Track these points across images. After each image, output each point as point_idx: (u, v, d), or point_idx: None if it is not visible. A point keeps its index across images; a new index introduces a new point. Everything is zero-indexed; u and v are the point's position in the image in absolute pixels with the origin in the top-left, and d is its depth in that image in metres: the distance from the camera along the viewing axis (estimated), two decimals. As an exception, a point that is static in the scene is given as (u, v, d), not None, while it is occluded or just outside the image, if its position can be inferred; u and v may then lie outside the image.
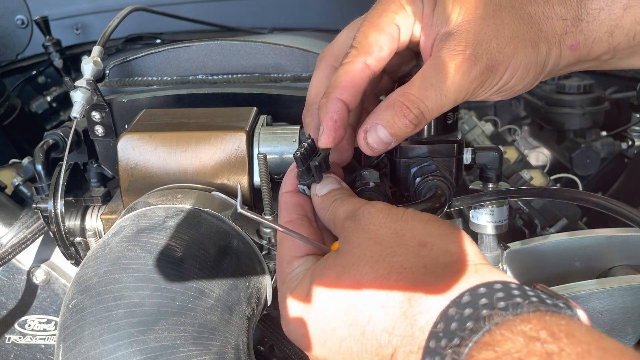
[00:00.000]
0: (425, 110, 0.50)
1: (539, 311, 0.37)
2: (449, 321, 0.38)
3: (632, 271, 0.76)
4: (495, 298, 0.38)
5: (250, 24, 1.63)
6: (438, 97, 0.49)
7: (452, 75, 0.49)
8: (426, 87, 0.49)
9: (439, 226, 0.46)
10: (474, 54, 0.49)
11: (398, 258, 0.44)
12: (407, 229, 0.46)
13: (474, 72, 0.49)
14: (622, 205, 0.62)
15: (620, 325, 0.69)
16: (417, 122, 0.50)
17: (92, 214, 0.77)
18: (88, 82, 0.76)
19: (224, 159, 0.68)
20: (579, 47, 0.52)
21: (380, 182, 0.61)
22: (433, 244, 0.44)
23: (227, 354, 0.57)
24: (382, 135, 0.51)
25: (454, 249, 0.44)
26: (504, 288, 0.39)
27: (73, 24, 1.71)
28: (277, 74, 0.84)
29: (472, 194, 0.67)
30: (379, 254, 0.44)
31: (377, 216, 0.47)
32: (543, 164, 1.55)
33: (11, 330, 0.85)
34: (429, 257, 0.43)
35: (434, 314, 0.40)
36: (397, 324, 0.41)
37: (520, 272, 0.79)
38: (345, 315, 0.44)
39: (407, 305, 0.41)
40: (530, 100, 1.55)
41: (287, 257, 0.52)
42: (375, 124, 0.51)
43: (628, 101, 1.46)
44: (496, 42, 0.50)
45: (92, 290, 0.56)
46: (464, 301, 0.39)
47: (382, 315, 0.42)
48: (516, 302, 0.37)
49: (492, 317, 0.37)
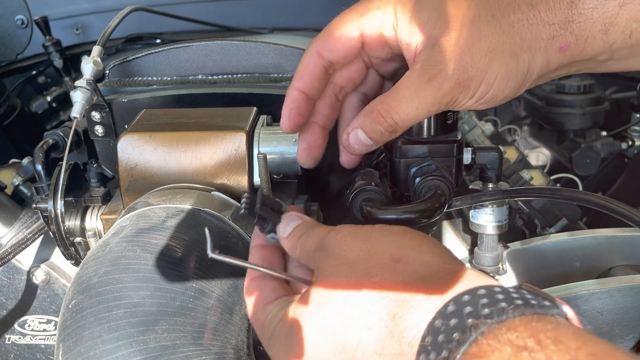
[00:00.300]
0: (398, 121, 0.52)
1: (524, 316, 0.37)
2: (435, 333, 0.38)
3: (632, 271, 0.76)
4: (479, 305, 0.38)
5: (250, 24, 1.63)
6: (410, 110, 0.52)
7: (424, 90, 0.51)
8: (399, 100, 0.52)
9: (410, 237, 0.46)
10: (446, 69, 0.50)
11: (375, 278, 0.43)
12: (377, 246, 0.46)
13: (446, 87, 0.50)
14: (622, 205, 0.62)
15: (620, 325, 0.69)
16: (392, 130, 0.53)
17: (92, 214, 0.77)
18: (88, 82, 0.76)
19: (224, 159, 0.68)
20: (570, 48, 0.51)
21: (380, 182, 0.61)
22: (407, 257, 0.44)
23: (227, 354, 0.57)
24: (362, 138, 0.55)
25: (429, 259, 0.44)
26: (487, 293, 0.39)
27: (73, 24, 1.71)
28: (277, 74, 0.84)
29: (472, 194, 0.67)
30: (354, 278, 0.44)
31: (345, 241, 0.48)
32: (543, 164, 1.55)
33: (11, 330, 0.85)
34: (406, 271, 0.43)
35: (421, 328, 0.39)
36: (386, 344, 0.41)
37: (520, 272, 0.79)
38: (333, 345, 0.44)
39: (392, 324, 0.41)
40: (530, 100, 1.55)
41: (261, 304, 0.51)
42: (356, 127, 0.55)
43: (628, 101, 1.46)
44: (470, 56, 0.50)
45: (92, 290, 0.56)
46: (449, 311, 0.39)
47: (370, 338, 0.42)
48: (501, 307, 0.37)
49: (478, 326, 0.36)
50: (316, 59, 0.57)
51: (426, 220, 0.57)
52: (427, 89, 0.50)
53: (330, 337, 0.44)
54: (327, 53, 0.56)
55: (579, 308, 0.68)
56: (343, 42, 0.56)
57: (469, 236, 0.87)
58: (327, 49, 0.56)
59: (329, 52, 0.56)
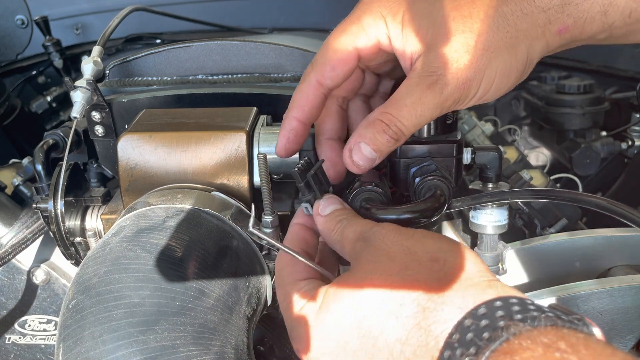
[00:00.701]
0: (403, 128, 0.52)
1: (556, 325, 0.37)
2: (464, 332, 0.38)
3: (632, 271, 0.76)
4: (512, 310, 0.38)
5: (250, 24, 1.63)
6: (413, 117, 0.51)
7: (425, 97, 0.51)
8: (401, 108, 0.51)
9: (450, 243, 0.47)
10: (444, 74, 0.50)
11: (411, 272, 0.44)
12: (418, 246, 0.47)
13: (446, 91, 0.50)
14: (622, 206, 0.62)
15: (620, 325, 0.69)
16: (397, 137, 0.53)
17: (92, 214, 0.78)
18: (88, 82, 0.76)
19: (224, 159, 0.68)
20: (568, 30, 0.50)
21: (380, 182, 0.61)
22: (445, 259, 0.45)
23: (227, 354, 0.57)
24: (366, 152, 0.53)
25: (467, 265, 0.44)
26: (520, 302, 0.39)
27: (73, 24, 1.71)
28: (277, 74, 0.84)
29: (472, 195, 0.67)
30: (392, 269, 0.45)
31: (389, 236, 0.48)
32: (543, 164, 1.55)
33: (11, 330, 0.85)
34: (442, 271, 0.44)
35: (449, 325, 0.40)
36: (411, 334, 0.41)
37: (520, 272, 0.79)
38: (358, 328, 0.44)
39: (421, 316, 0.41)
40: (530, 100, 1.55)
41: (290, 280, 0.52)
42: (358, 142, 0.53)
43: (628, 101, 1.46)
44: (466, 58, 0.50)
45: (92, 290, 0.56)
46: (480, 313, 0.39)
47: (396, 326, 0.42)
48: (533, 315, 0.37)
49: (510, 327, 0.37)
50: (316, 89, 0.56)
51: (426, 220, 0.57)
52: (428, 95, 0.50)
53: (358, 320, 0.44)
54: (327, 82, 0.56)
55: (579, 308, 0.68)
56: (342, 68, 0.55)
57: (469, 236, 0.87)
58: (327, 78, 0.56)
59: (329, 81, 0.56)
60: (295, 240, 0.56)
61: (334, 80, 0.56)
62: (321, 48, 0.56)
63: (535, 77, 1.59)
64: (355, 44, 0.54)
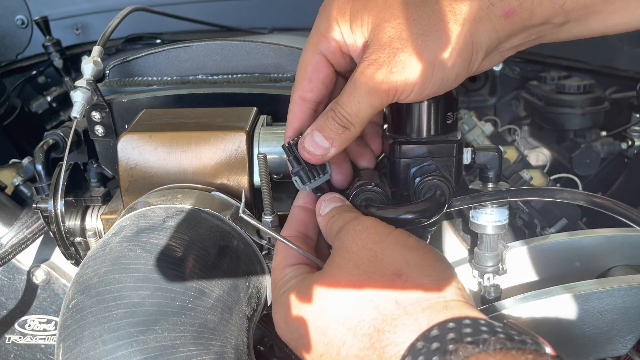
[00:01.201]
0: (347, 115, 0.54)
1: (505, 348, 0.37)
2: (416, 355, 0.39)
3: (632, 271, 0.76)
4: (462, 333, 0.39)
5: (250, 24, 1.63)
6: (353, 102, 0.53)
7: (360, 82, 0.52)
8: (342, 95, 0.54)
9: (420, 255, 0.47)
10: (377, 58, 0.51)
11: (374, 285, 0.46)
12: (387, 253, 0.48)
13: (379, 75, 0.51)
14: (622, 205, 0.62)
15: (620, 325, 0.69)
16: (344, 124, 0.54)
17: (92, 214, 0.77)
18: (88, 82, 0.76)
19: (224, 159, 0.68)
20: (515, 12, 0.50)
21: (380, 182, 0.61)
22: (408, 275, 0.46)
23: (227, 354, 0.57)
24: (318, 140, 0.55)
25: (428, 283, 0.45)
26: (472, 324, 0.40)
27: (73, 24, 1.71)
28: (277, 74, 0.84)
29: (472, 194, 0.67)
30: (356, 278, 0.47)
31: (360, 237, 0.50)
32: (543, 164, 1.55)
33: (11, 330, 0.85)
34: (402, 288, 0.45)
35: (402, 347, 0.41)
36: (367, 354, 0.43)
37: (520, 272, 0.79)
38: (323, 334, 0.46)
39: (376, 337, 0.43)
40: (530, 100, 1.55)
41: (280, 265, 0.55)
42: (312, 130, 0.56)
43: (628, 101, 1.46)
44: (400, 42, 0.50)
45: (92, 290, 0.56)
46: (432, 335, 0.40)
47: (354, 343, 0.44)
48: (483, 337, 0.38)
49: (458, 350, 0.38)
50: (301, 105, 0.59)
51: (426, 220, 0.57)
52: (362, 80, 0.52)
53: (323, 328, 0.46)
54: (309, 95, 0.58)
55: (579, 308, 0.68)
56: (317, 77, 0.58)
57: (469, 236, 0.87)
58: (307, 91, 0.58)
59: (310, 94, 0.58)
60: (294, 222, 0.58)
61: (314, 91, 0.58)
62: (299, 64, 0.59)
63: (535, 77, 1.59)
64: (319, 51, 0.56)
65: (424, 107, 0.60)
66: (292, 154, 0.58)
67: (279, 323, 0.52)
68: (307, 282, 0.50)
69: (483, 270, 0.76)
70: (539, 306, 0.68)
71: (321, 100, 0.59)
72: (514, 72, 1.69)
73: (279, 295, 0.53)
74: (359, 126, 0.54)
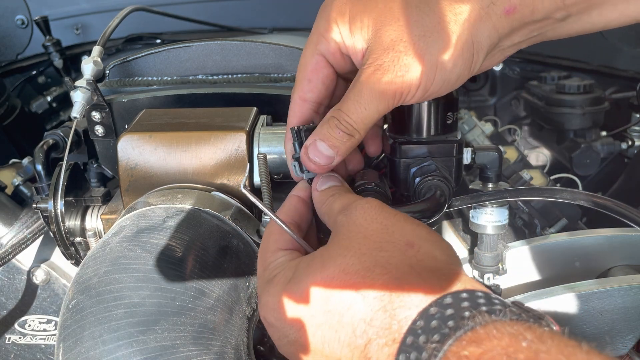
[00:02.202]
0: (352, 122, 0.53)
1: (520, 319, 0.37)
2: (429, 319, 0.39)
3: (632, 271, 0.76)
4: (478, 302, 0.39)
5: (250, 24, 1.63)
6: (358, 110, 0.52)
7: (366, 88, 0.51)
8: (346, 102, 0.52)
9: (428, 231, 0.47)
10: (382, 63, 0.50)
11: (384, 253, 0.44)
12: (397, 227, 0.47)
13: (384, 79, 0.50)
14: (622, 205, 0.62)
15: (620, 325, 0.69)
16: (349, 132, 0.53)
17: (92, 214, 0.78)
18: (88, 82, 0.76)
19: (224, 159, 0.68)
20: (516, 10, 0.49)
21: (380, 182, 0.61)
22: (420, 246, 0.45)
23: (227, 354, 0.57)
24: (322, 149, 0.54)
25: (440, 255, 0.44)
26: (485, 296, 0.40)
27: (73, 24, 1.71)
28: (277, 74, 0.84)
29: (472, 194, 0.67)
30: (366, 247, 0.45)
31: (369, 212, 0.49)
32: (543, 164, 1.55)
33: (11, 330, 0.85)
34: (415, 258, 0.44)
35: (414, 312, 0.40)
36: (376, 316, 0.42)
37: (520, 272, 0.79)
38: (325, 302, 0.44)
39: (387, 300, 0.42)
40: (530, 100, 1.55)
41: (273, 248, 0.53)
42: (315, 139, 0.54)
43: (628, 101, 1.46)
44: (403, 45, 0.50)
45: (92, 290, 0.56)
46: (445, 302, 0.39)
47: (362, 305, 0.42)
48: (498, 308, 0.38)
49: (475, 317, 0.37)
50: (301, 106, 0.59)
51: (426, 220, 0.57)
52: (369, 85, 0.51)
53: (326, 295, 0.45)
54: (308, 95, 0.58)
55: (579, 308, 0.68)
56: (316, 78, 0.57)
57: (469, 236, 0.87)
58: (307, 92, 0.58)
59: (310, 94, 0.58)
60: (290, 211, 0.57)
61: (314, 91, 0.58)
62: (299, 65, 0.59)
63: (535, 77, 1.59)
64: (319, 51, 0.56)
65: (424, 107, 0.60)
66: (299, 139, 0.57)
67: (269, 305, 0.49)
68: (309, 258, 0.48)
69: (483, 270, 0.76)
70: (539, 306, 0.68)
71: (321, 100, 0.59)
72: (514, 72, 1.69)
73: (271, 277, 0.50)
74: (364, 132, 0.54)
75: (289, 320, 0.47)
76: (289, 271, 0.49)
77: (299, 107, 0.59)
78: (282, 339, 0.48)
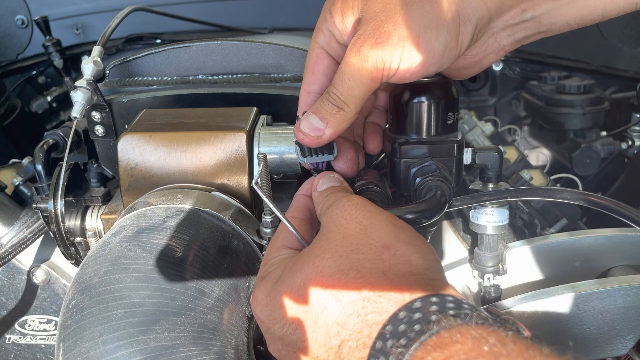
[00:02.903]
0: (339, 94, 0.54)
1: (487, 323, 0.38)
2: (397, 323, 0.40)
3: (632, 271, 0.76)
4: (446, 307, 0.39)
5: (250, 24, 1.63)
6: (344, 81, 0.53)
7: (349, 59, 0.52)
8: (335, 76, 0.54)
9: (409, 235, 0.47)
10: (362, 32, 0.51)
11: (360, 256, 0.45)
12: (376, 228, 0.47)
13: (365, 48, 0.51)
14: (622, 205, 0.62)
15: (620, 325, 0.69)
16: (337, 104, 0.54)
17: (92, 214, 0.78)
18: (88, 82, 0.76)
19: (224, 159, 0.68)
20: None
21: (380, 182, 0.61)
22: (397, 249, 0.45)
23: (227, 354, 0.57)
24: (312, 121, 0.56)
25: (416, 260, 0.45)
26: (455, 301, 0.40)
27: (73, 24, 1.71)
28: (278, 74, 0.84)
29: (472, 194, 0.67)
30: (343, 249, 0.46)
31: (350, 210, 0.49)
32: (543, 164, 1.55)
33: (11, 330, 0.85)
34: (390, 262, 0.44)
35: (385, 316, 0.41)
36: (349, 320, 0.43)
37: (520, 272, 0.79)
38: (303, 301, 0.46)
39: (360, 305, 0.43)
40: (530, 100, 1.55)
41: (279, 244, 0.54)
42: (308, 113, 0.56)
43: (628, 101, 1.46)
44: (385, 14, 0.50)
45: (92, 290, 0.56)
46: (414, 306, 0.40)
47: (336, 308, 0.44)
48: (466, 312, 0.39)
49: (441, 321, 0.38)
50: (306, 99, 0.60)
51: (426, 220, 0.57)
52: (350, 56, 0.52)
53: (303, 295, 0.46)
54: (312, 87, 0.59)
55: (579, 308, 0.68)
56: (318, 69, 0.58)
57: (469, 236, 0.87)
58: (310, 84, 0.59)
59: (313, 86, 0.59)
60: (298, 207, 0.58)
61: (317, 83, 0.59)
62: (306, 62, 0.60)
63: (535, 77, 1.59)
64: (318, 44, 0.58)
65: (425, 107, 0.60)
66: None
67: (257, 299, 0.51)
68: (295, 257, 0.50)
69: (483, 271, 0.76)
70: (539, 306, 0.68)
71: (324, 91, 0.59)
72: (514, 72, 1.69)
73: (266, 273, 0.52)
74: (354, 106, 0.54)
75: (274, 317, 0.49)
76: (279, 270, 0.50)
77: (304, 100, 0.60)
78: (268, 333, 0.50)
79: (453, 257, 0.86)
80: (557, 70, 1.58)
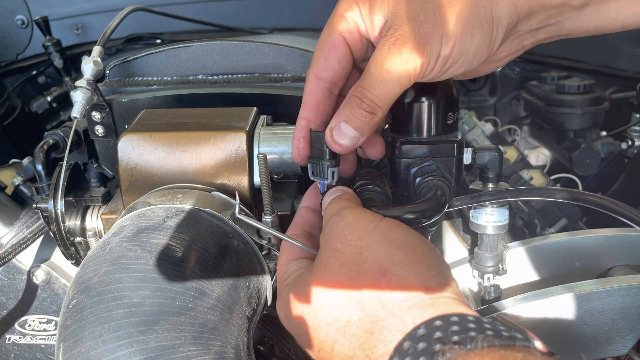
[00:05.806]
0: (373, 98, 0.52)
1: (493, 346, 0.37)
2: (403, 355, 0.39)
3: (632, 271, 0.76)
4: (449, 332, 0.39)
5: (250, 24, 1.63)
6: (380, 84, 0.51)
7: (387, 61, 0.50)
8: (367, 77, 0.52)
9: (406, 253, 0.47)
10: (402, 34, 0.50)
11: (359, 284, 0.46)
12: (371, 251, 0.47)
13: (405, 50, 0.50)
14: (622, 205, 0.62)
15: (620, 325, 0.69)
16: (372, 110, 0.52)
17: (92, 214, 0.78)
18: (88, 82, 0.76)
19: (224, 159, 0.68)
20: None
21: (380, 182, 0.61)
22: (393, 273, 0.45)
23: (227, 354, 0.57)
24: (346, 131, 0.54)
25: (414, 281, 0.45)
26: (460, 321, 0.40)
27: (73, 24, 1.71)
28: (277, 74, 0.84)
29: (472, 194, 0.67)
30: (343, 279, 0.47)
31: (344, 232, 0.50)
32: (543, 164, 1.55)
33: (11, 330, 0.85)
34: (387, 287, 0.44)
35: (389, 348, 0.41)
36: (357, 354, 0.43)
37: (520, 272, 0.79)
38: (317, 332, 0.47)
39: (364, 338, 0.43)
40: (530, 100, 1.55)
41: (285, 261, 0.56)
42: (338, 121, 0.54)
43: (628, 101, 1.46)
44: (424, 15, 0.49)
45: (92, 290, 0.56)
46: (418, 334, 0.40)
47: (344, 344, 0.45)
48: (471, 335, 0.38)
49: (445, 351, 0.37)
50: (316, 85, 0.57)
51: (426, 220, 0.57)
52: (389, 58, 0.50)
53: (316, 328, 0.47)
54: (324, 73, 0.57)
55: (578, 308, 0.68)
56: (334, 56, 0.56)
57: (469, 236, 0.87)
58: (322, 70, 0.57)
59: (325, 72, 0.57)
60: (300, 222, 0.59)
61: (330, 70, 0.57)
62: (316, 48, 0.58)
63: (535, 77, 1.59)
64: (337, 30, 0.55)
65: (425, 107, 0.60)
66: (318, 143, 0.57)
67: (282, 318, 0.53)
68: (302, 280, 0.51)
69: (483, 271, 0.76)
70: (539, 306, 0.68)
71: (336, 80, 0.58)
72: (514, 72, 1.69)
73: (282, 289, 0.54)
74: (386, 108, 0.53)
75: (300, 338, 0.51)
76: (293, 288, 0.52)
77: (314, 86, 0.57)
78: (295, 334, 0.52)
79: (453, 257, 0.86)
80: (557, 70, 1.58)
